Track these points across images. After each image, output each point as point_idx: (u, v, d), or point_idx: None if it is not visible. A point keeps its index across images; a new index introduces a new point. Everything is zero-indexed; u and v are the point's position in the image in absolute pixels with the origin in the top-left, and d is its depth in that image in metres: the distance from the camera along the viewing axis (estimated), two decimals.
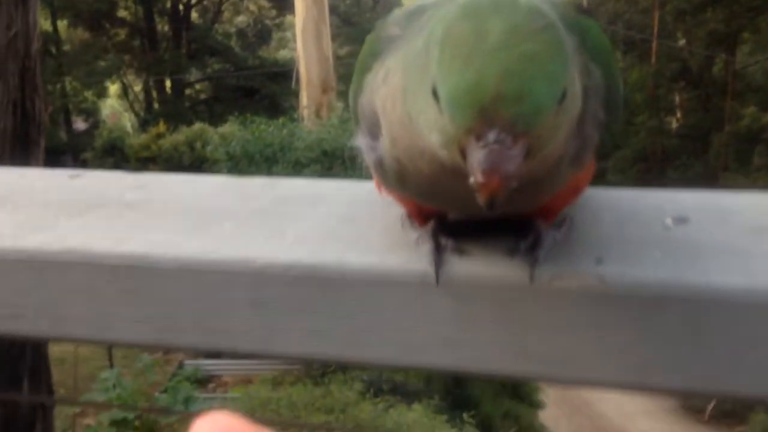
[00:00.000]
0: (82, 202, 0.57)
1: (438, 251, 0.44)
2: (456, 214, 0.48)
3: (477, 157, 0.33)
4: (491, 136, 0.32)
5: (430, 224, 0.46)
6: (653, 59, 16.89)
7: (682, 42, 17.68)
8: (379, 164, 0.45)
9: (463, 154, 0.34)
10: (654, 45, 16.75)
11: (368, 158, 0.46)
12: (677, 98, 17.96)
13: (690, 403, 8.57)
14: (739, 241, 0.45)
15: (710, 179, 14.44)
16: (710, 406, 8.26)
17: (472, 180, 0.33)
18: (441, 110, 0.34)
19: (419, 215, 0.48)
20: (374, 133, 0.45)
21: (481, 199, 0.33)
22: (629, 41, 17.43)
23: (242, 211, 0.55)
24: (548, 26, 0.34)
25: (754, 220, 0.47)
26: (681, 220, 0.48)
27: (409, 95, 0.38)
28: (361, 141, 0.47)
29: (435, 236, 0.45)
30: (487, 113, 0.32)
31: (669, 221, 0.48)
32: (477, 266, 0.44)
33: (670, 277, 0.40)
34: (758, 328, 0.39)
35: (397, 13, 0.47)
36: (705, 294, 0.39)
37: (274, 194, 0.59)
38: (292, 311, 0.46)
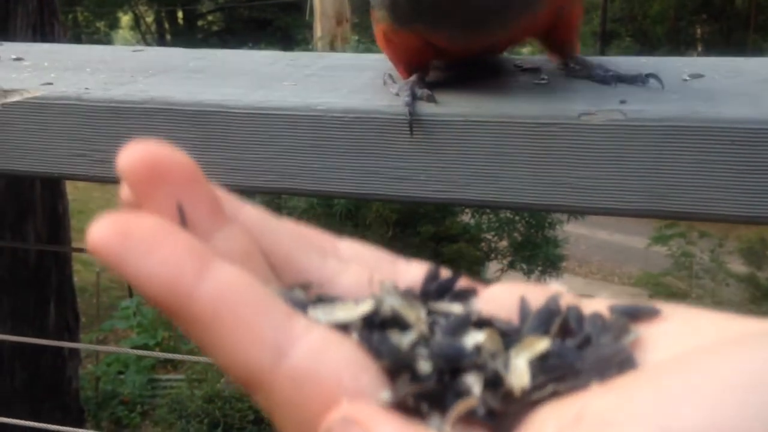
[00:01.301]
0: (153, 68, 0.63)
1: (413, 100, 0.51)
2: (461, 42, 0.53)
3: None
4: None
5: (411, 78, 0.53)
6: None
7: None
8: None
9: None
10: None
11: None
12: (699, 31, 17.55)
13: None
14: (749, 88, 0.50)
15: None
16: None
17: None
18: None
19: (409, 67, 0.55)
20: None
21: None
22: None
23: (298, 75, 0.61)
24: None
25: (765, 74, 0.53)
26: (697, 76, 0.53)
27: None
28: None
29: (413, 88, 0.51)
30: None
31: (686, 76, 0.53)
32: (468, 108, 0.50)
33: (684, 111, 0.46)
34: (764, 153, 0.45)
35: None
36: (715, 123, 0.45)
37: (324, 63, 0.64)
38: (349, 152, 0.52)
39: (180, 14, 17.82)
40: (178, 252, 0.19)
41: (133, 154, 0.21)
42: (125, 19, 18.63)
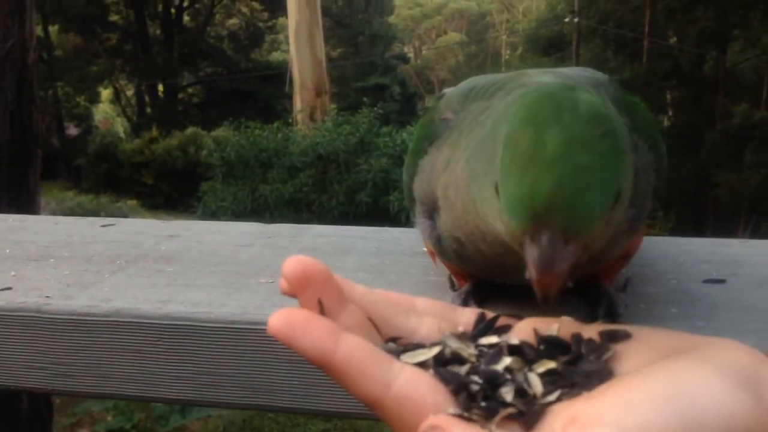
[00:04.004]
0: (121, 255, 0.59)
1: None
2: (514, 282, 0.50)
3: (532, 254, 0.34)
4: (544, 239, 0.34)
5: (465, 287, 0.50)
6: (644, 58, 16.98)
7: (673, 40, 17.77)
8: (438, 241, 0.49)
9: (522, 246, 0.35)
10: (645, 44, 16.83)
11: (426, 235, 0.50)
12: (669, 97, 18.05)
13: None
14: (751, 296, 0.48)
15: (703, 178, 14.52)
16: None
17: (527, 274, 0.35)
18: (501, 207, 0.36)
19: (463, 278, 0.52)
20: (432, 214, 0.48)
21: (537, 293, 0.35)
22: (620, 40, 17.52)
23: (274, 264, 0.57)
24: (607, 133, 0.35)
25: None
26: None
27: (475, 182, 0.40)
28: (419, 221, 0.50)
29: (466, 299, 0.49)
30: (541, 220, 0.34)
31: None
32: None
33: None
34: None
35: (449, 96, 0.50)
36: None
37: (303, 244, 0.61)
38: None
39: (160, 87, 18.03)
40: (322, 332, 0.30)
41: (292, 267, 0.33)
42: (105, 93, 18.82)
